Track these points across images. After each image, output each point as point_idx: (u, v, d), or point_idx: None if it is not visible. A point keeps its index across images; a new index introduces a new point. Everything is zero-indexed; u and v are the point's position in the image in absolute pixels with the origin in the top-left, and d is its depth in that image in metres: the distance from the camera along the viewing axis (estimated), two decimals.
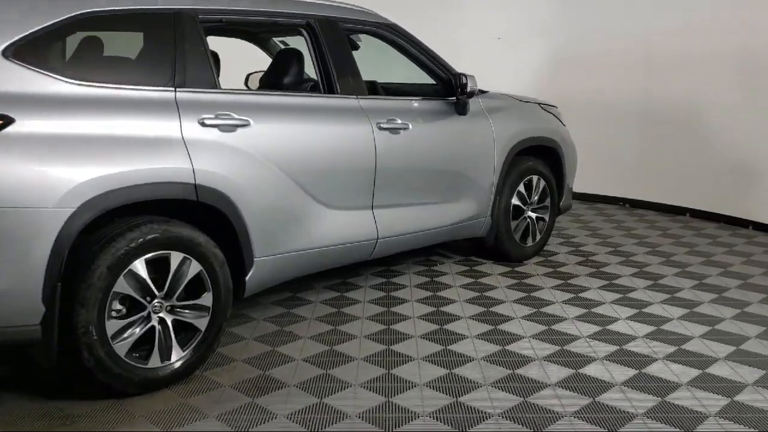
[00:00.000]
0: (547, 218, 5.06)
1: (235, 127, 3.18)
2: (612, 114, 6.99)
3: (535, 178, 4.90)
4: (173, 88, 3.05)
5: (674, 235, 5.80)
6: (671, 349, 3.45)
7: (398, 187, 3.96)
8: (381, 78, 5.43)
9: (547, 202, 5.04)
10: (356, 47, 4.67)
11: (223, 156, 3.12)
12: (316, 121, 3.54)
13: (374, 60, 4.74)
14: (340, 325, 3.71)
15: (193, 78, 3.15)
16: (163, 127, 2.97)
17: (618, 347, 3.46)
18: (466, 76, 4.17)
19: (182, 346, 3.05)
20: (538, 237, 5.00)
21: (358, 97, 3.79)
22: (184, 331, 3.07)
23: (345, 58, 3.78)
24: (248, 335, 3.57)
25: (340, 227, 3.68)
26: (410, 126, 3.97)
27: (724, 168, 6.21)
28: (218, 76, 4.00)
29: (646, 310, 3.98)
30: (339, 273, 4.43)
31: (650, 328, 3.70)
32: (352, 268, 4.50)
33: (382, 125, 3.81)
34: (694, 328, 3.73)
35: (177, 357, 3.02)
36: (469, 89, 4.16)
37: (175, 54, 3.09)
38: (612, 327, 3.72)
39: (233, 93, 3.35)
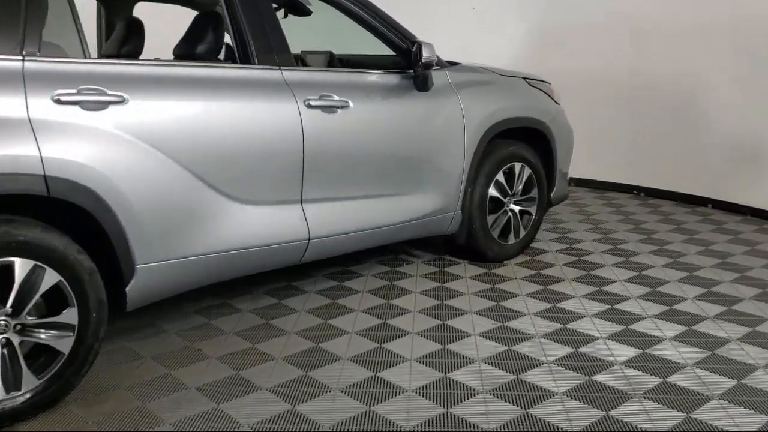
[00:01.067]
0: (533, 212, 4.37)
1: (105, 104, 2.59)
2: (623, 93, 6.23)
3: (518, 165, 4.21)
4: (20, 57, 2.46)
5: (688, 230, 5.05)
6: (653, 382, 2.77)
7: (336, 177, 3.33)
8: (347, 50, 4.79)
9: (534, 192, 4.35)
10: (307, 12, 4.04)
11: (85, 141, 2.54)
12: (220, 97, 2.93)
13: (341, 29, 4.10)
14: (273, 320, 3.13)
15: (51, 45, 2.56)
16: (2, 105, 2.39)
17: (587, 378, 2.79)
18: (420, 44, 3.50)
19: (38, 373, 2.49)
20: (523, 233, 4.32)
21: (282, 68, 3.16)
22: (45, 354, 2.52)
23: (265, 22, 3.15)
24: (229, 329, 3.23)
25: (256, 226, 3.07)
26: (351, 104, 3.33)
27: (747, 154, 5.42)
28: (139, 47, 3.43)
29: (635, 326, 3.29)
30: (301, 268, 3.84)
31: (634, 352, 3.02)
32: (301, 269, 3.89)
33: (312, 102, 3.17)
34: (689, 353, 3.04)
35: (28, 387, 2.46)
36: (424, 60, 3.49)
37: (25, 14, 2.49)
38: (587, 349, 3.05)
39: (105, 63, 2.76)
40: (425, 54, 3.48)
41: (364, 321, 3.35)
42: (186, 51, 3.27)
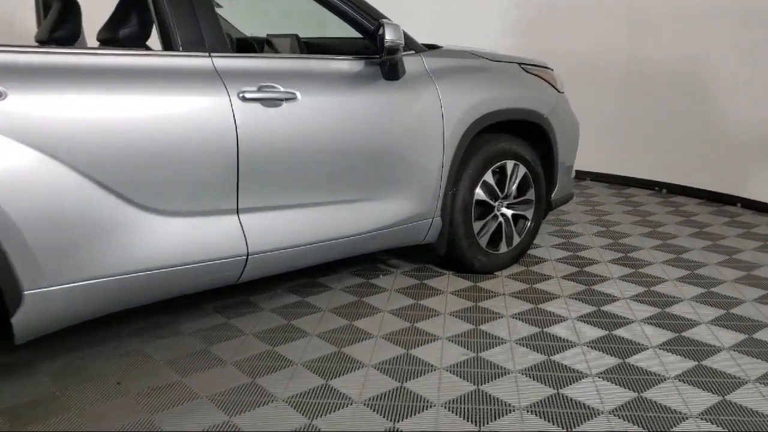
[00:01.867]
0: (530, 216, 3.85)
1: None
2: (638, 77, 5.63)
3: (510, 163, 3.69)
4: None
5: (711, 235, 4.47)
6: None
7: (280, 182, 2.86)
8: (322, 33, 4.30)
9: (531, 194, 3.83)
10: None
11: None
12: (131, 89, 2.47)
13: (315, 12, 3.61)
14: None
15: None
16: None
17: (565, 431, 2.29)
18: (383, 24, 3.00)
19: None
20: (517, 241, 3.81)
21: (212, 55, 2.69)
22: None
23: (191, 2, 2.67)
24: (248, 330, 3.02)
25: (180, 241, 2.62)
26: (299, 95, 2.85)
27: None
28: (74, 32, 2.99)
29: (633, 360, 2.77)
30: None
31: (628, 396, 2.50)
32: (259, 281, 3.44)
33: (247, 95, 2.70)
34: (695, 395, 2.51)
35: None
36: (388, 44, 2.99)
37: None
38: (571, 391, 2.54)
39: None
40: (389, 37, 2.97)
41: (315, 349, 2.88)
42: (109, 36, 2.84)
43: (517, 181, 3.74)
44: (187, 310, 3.22)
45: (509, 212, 3.75)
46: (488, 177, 3.61)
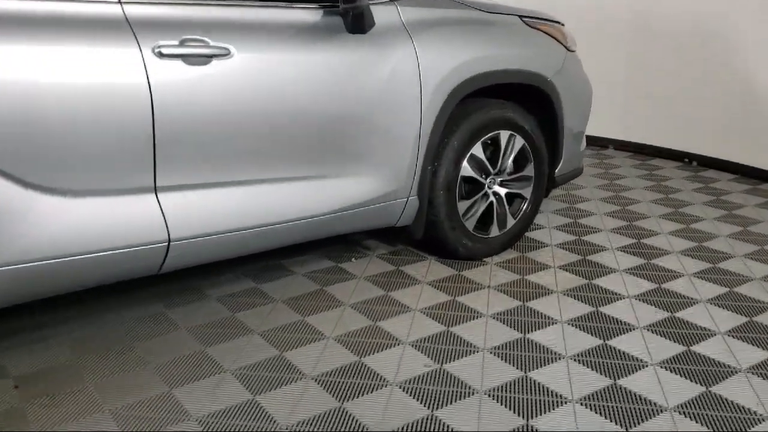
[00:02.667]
0: (527, 195, 3.34)
1: None
2: (668, 38, 4.99)
3: (504, 134, 3.17)
4: None
5: (743, 219, 3.91)
6: None
7: (209, 156, 2.40)
8: None
9: (529, 170, 3.31)
10: None
11: None
12: (13, 39, 2.01)
13: None
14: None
15: None
16: None
17: None
18: None
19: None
20: (511, 223, 3.31)
21: (122, 0, 2.21)
22: None
23: None
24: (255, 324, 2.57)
25: (81, 226, 2.19)
26: (233, 51, 2.36)
27: None
28: None
29: (627, 383, 2.29)
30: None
31: (614, 429, 2.04)
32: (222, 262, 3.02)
33: (165, 50, 2.23)
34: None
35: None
36: None
37: None
38: (542, 424, 2.08)
39: None
40: None
41: (250, 355, 2.45)
42: None
43: (513, 155, 3.23)
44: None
45: (503, 191, 3.25)
46: (477, 150, 3.10)
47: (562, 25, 3.51)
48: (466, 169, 3.08)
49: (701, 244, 3.50)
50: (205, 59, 2.30)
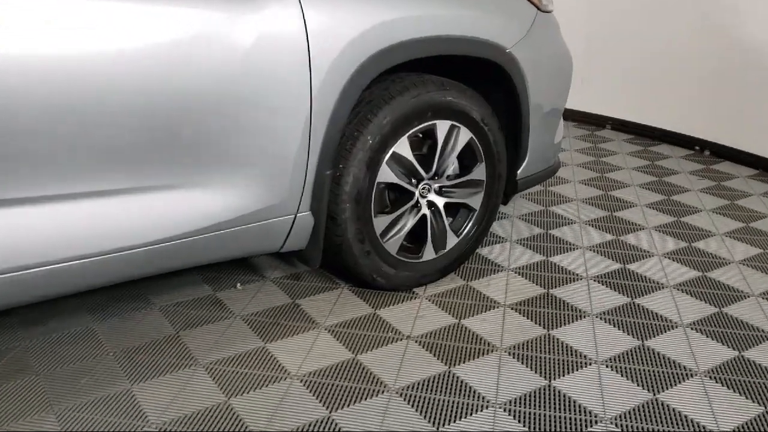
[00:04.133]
0: (475, 205, 2.51)
1: None
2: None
3: (442, 126, 2.33)
4: None
5: (756, 235, 3.05)
6: None
7: None
8: None
9: (479, 172, 2.47)
10: None
11: None
12: None
13: None
14: None
15: None
16: None
17: None
18: None
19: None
20: (452, 243, 2.48)
21: None
22: None
23: None
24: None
25: None
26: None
27: None
28: None
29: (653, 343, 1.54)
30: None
31: None
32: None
33: None
34: None
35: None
36: None
37: None
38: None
39: None
40: None
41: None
42: None
43: (455, 153, 2.38)
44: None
45: (441, 200, 2.42)
46: (402, 147, 2.25)
47: None
48: (386, 173, 2.24)
49: (705, 274, 2.66)
50: None
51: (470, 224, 2.52)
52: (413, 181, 2.34)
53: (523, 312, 2.34)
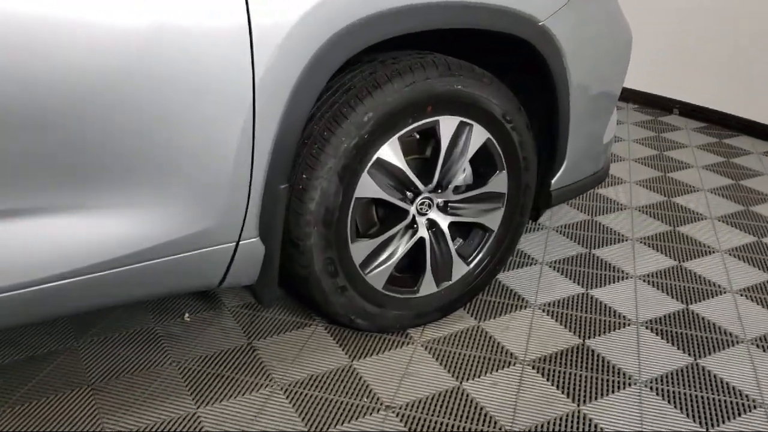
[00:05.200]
0: (494, 224, 1.93)
1: None
2: None
3: (448, 123, 1.75)
4: None
5: None
6: None
7: None
8: None
9: (498, 183, 1.89)
10: None
11: None
12: None
13: None
14: None
15: None
16: None
17: None
18: None
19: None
20: (461, 272, 1.92)
21: None
22: None
23: None
24: None
25: None
26: None
27: None
28: None
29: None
30: None
31: None
32: None
33: None
34: None
35: None
36: None
37: None
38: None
39: None
40: None
41: None
42: None
43: (465, 157, 1.80)
44: None
45: (445, 219, 1.85)
46: (390, 151, 1.69)
47: None
48: (368, 185, 1.68)
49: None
50: None
51: (485, 249, 1.95)
52: (408, 195, 1.77)
53: (547, 373, 1.77)
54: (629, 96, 4.01)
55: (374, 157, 1.66)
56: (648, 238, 2.47)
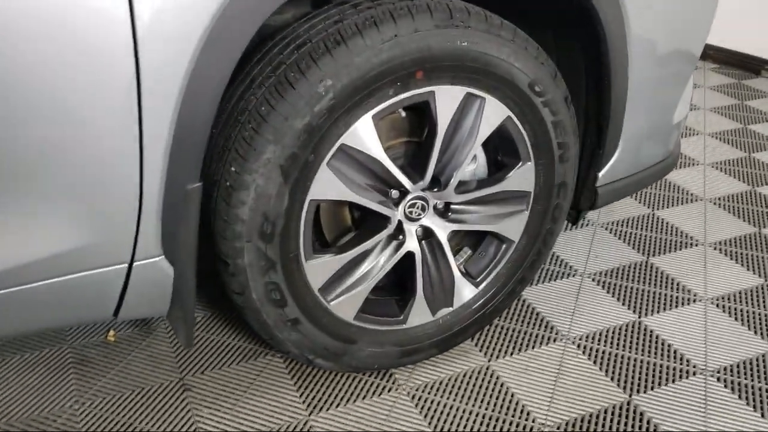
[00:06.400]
0: (515, 234, 1.41)
1: None
2: None
3: (447, 95, 1.22)
4: None
5: None
6: None
7: None
8: None
9: (518, 178, 1.36)
10: None
11: None
12: None
13: None
14: None
15: None
16: None
17: None
18: None
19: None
20: (467, 294, 1.41)
21: None
22: None
23: None
24: None
25: None
26: None
27: None
28: None
29: None
30: None
31: None
32: None
33: None
34: None
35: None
36: None
37: None
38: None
39: None
40: None
41: None
42: None
43: (474, 142, 1.28)
44: None
45: (444, 227, 1.34)
46: (360, 135, 1.18)
47: None
48: (328, 183, 1.18)
49: None
50: None
51: (501, 266, 1.44)
52: (391, 195, 1.27)
53: None
54: (706, 53, 3.37)
55: (336, 144, 1.16)
56: (727, 246, 1.92)
